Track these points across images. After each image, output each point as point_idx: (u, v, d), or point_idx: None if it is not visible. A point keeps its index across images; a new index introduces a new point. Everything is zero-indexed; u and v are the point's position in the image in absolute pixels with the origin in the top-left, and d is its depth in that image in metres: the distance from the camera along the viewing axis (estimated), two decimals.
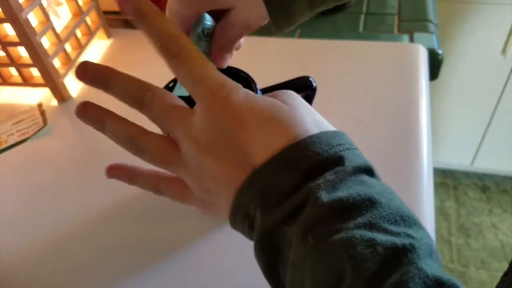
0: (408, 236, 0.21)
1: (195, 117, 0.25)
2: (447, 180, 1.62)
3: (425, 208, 0.42)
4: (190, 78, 0.25)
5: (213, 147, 0.24)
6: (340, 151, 0.24)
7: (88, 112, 0.27)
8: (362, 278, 0.19)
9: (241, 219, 0.25)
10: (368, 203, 0.22)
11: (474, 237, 1.44)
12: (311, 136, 0.24)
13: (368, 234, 0.20)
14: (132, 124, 0.27)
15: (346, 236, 0.20)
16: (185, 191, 0.27)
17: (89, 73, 0.27)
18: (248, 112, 0.24)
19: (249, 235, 0.25)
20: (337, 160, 0.23)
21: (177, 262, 0.41)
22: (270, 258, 0.23)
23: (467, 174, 1.63)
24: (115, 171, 0.29)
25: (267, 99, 0.25)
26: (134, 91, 0.26)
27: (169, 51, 0.25)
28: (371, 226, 0.21)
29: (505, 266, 1.42)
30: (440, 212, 1.52)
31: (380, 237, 0.20)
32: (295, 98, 0.27)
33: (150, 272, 0.40)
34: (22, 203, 0.48)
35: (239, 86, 0.25)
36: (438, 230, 1.47)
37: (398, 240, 0.20)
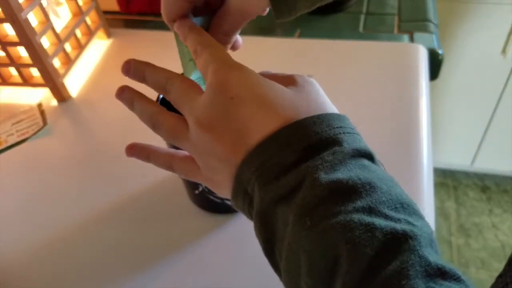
0: (409, 223, 0.20)
1: (201, 96, 0.26)
2: (447, 180, 1.62)
3: (425, 208, 0.42)
4: (203, 63, 0.27)
5: (213, 125, 0.25)
6: (340, 133, 0.24)
7: (124, 94, 0.30)
8: (359, 264, 0.19)
9: (241, 196, 0.25)
10: (368, 187, 0.21)
11: (474, 237, 1.44)
12: (312, 117, 0.24)
13: (367, 218, 0.20)
14: (155, 104, 0.29)
15: (344, 219, 0.20)
16: (194, 168, 0.28)
17: (131, 69, 0.31)
18: (248, 92, 0.25)
19: (249, 214, 0.25)
20: (336, 141, 0.23)
21: (176, 263, 0.41)
22: (267, 236, 0.23)
23: (467, 174, 1.63)
24: (134, 150, 0.31)
25: (270, 81, 0.25)
26: (161, 80, 0.29)
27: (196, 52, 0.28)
28: (370, 211, 0.20)
29: None
30: (440, 212, 1.52)
31: (379, 222, 0.20)
32: (307, 82, 0.27)
33: (150, 272, 0.40)
34: (21, 203, 0.48)
35: (242, 66, 0.26)
36: (438, 230, 1.47)
37: (398, 226, 0.20)
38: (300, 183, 0.22)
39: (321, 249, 0.20)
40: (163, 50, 0.65)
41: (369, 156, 0.24)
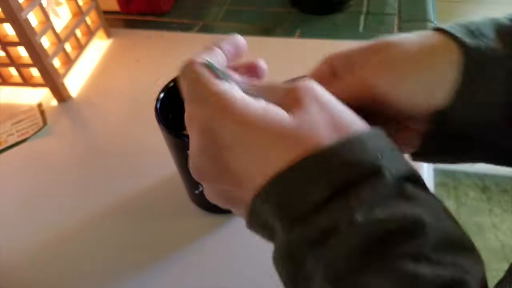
0: (459, 266, 0.18)
1: (192, 137, 0.23)
2: (448, 180, 1.62)
3: None
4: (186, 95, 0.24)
5: (210, 177, 0.23)
6: (377, 157, 0.19)
7: None
8: None
9: (259, 226, 0.22)
10: (412, 226, 0.18)
11: (474, 237, 1.43)
12: (341, 142, 0.19)
13: (411, 266, 0.17)
14: None
15: (384, 268, 0.17)
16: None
17: None
18: (242, 131, 0.21)
19: (269, 241, 0.23)
20: (374, 171, 0.19)
21: (176, 262, 0.41)
22: (291, 272, 0.21)
23: (468, 174, 1.63)
24: None
25: (269, 112, 0.21)
26: None
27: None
28: (414, 256, 0.17)
29: (505, 266, 1.42)
30: None
31: (425, 270, 0.17)
32: (309, 95, 0.22)
33: (150, 272, 0.40)
34: (21, 203, 0.48)
35: (228, 93, 0.22)
36: None
37: (446, 274, 0.17)
38: (332, 227, 0.18)
39: None
40: (163, 49, 0.65)
41: (413, 178, 0.20)
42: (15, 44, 0.54)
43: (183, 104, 0.26)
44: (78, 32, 0.62)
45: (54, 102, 0.59)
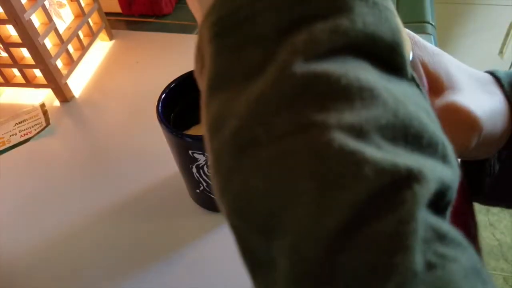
0: (414, 160, 0.13)
1: None
2: None
3: None
4: None
5: None
6: None
7: None
8: (325, 220, 0.12)
9: (198, 58, 0.18)
10: (367, 95, 0.13)
11: None
12: None
13: (353, 144, 0.12)
14: None
15: (317, 140, 0.13)
16: None
17: None
18: None
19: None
20: (341, 8, 0.14)
21: (177, 261, 0.42)
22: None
23: None
24: None
25: None
26: None
27: None
28: (360, 133, 0.13)
29: (502, 265, 1.43)
30: None
31: (371, 152, 0.12)
32: None
33: (151, 270, 0.41)
34: (24, 202, 0.48)
35: None
36: None
37: (399, 162, 0.12)
38: (262, 63, 0.14)
39: (271, 182, 0.13)
40: (164, 51, 0.66)
41: (389, 48, 0.15)
42: (18, 45, 0.54)
43: (184, 104, 0.26)
44: (81, 34, 0.63)
45: (56, 103, 0.60)
